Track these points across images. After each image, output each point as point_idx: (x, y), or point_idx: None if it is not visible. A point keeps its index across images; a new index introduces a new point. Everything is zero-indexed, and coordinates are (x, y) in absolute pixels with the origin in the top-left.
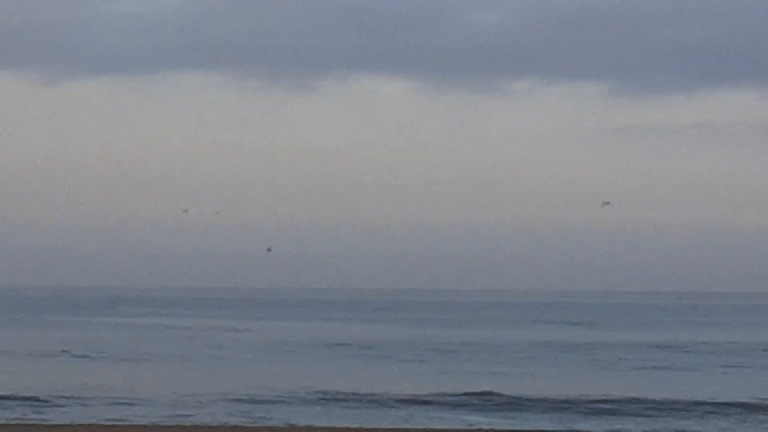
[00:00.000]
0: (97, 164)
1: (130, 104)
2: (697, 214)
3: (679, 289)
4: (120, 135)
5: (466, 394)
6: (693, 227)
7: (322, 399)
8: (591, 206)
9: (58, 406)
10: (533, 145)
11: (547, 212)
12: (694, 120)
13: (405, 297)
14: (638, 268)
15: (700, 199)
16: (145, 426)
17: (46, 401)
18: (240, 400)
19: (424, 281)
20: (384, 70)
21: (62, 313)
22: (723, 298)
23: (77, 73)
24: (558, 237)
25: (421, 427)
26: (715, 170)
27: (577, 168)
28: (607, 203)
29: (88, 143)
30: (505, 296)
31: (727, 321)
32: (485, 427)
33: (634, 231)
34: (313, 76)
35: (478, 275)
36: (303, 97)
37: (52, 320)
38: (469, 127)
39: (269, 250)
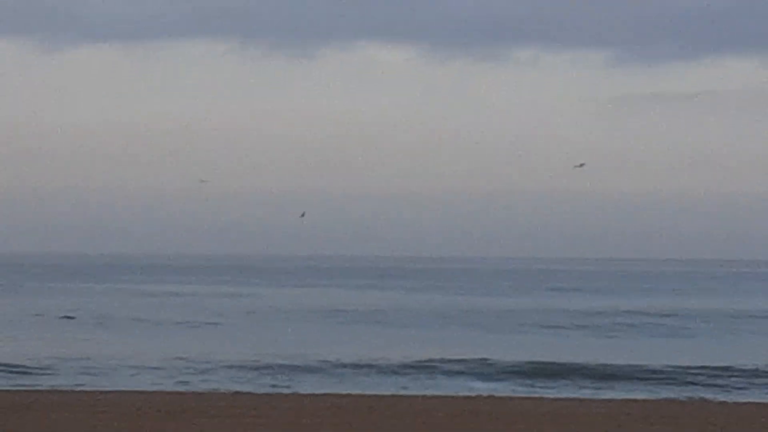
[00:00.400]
0: (97, 132)
1: (131, 71)
2: (699, 181)
3: (680, 257)
4: (120, 102)
5: (464, 360)
6: (695, 195)
7: (323, 366)
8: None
9: (56, 373)
10: (536, 112)
11: (548, 180)
12: (697, 87)
13: (402, 264)
14: (639, 236)
15: (704, 167)
16: (146, 392)
17: (47, 368)
18: (243, 367)
19: (424, 249)
20: (386, 37)
21: (67, 281)
22: (726, 265)
23: (78, 41)
24: (560, 204)
25: (421, 393)
26: (719, 137)
27: (580, 136)
28: (581, 165)
29: (89, 111)
30: (509, 263)
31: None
32: (484, 394)
33: (636, 199)
34: (314, 44)
35: (480, 243)
36: (304, 65)
37: (58, 287)
38: (471, 94)
39: (303, 215)
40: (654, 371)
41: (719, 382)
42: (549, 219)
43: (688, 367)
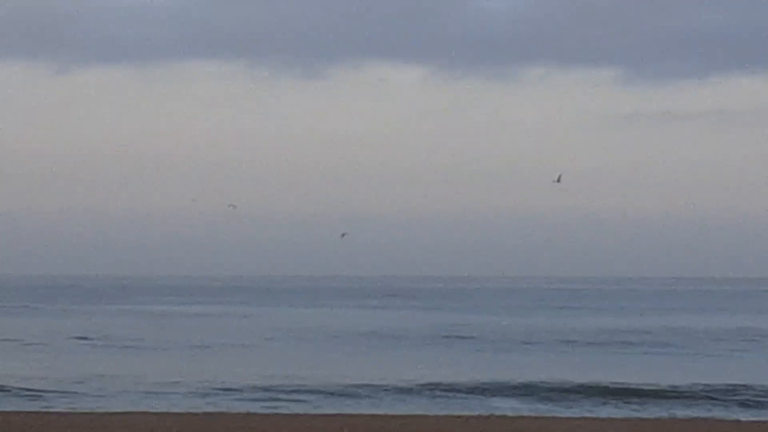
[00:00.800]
0: (108, 153)
1: (141, 93)
2: (709, 200)
3: (689, 275)
4: (131, 124)
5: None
6: (705, 214)
7: (336, 388)
8: (604, 193)
9: (69, 395)
10: (546, 131)
11: (560, 199)
12: (706, 106)
13: (413, 284)
14: (649, 255)
15: (713, 186)
16: (159, 413)
17: (61, 391)
18: (255, 388)
19: (435, 269)
20: (396, 57)
21: (78, 302)
22: (739, 284)
23: (88, 63)
24: (569, 223)
25: (433, 413)
26: (728, 156)
27: (590, 154)
28: (558, 179)
29: (99, 132)
30: (520, 282)
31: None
32: (497, 414)
33: (646, 217)
34: (324, 64)
35: (491, 262)
36: (314, 85)
37: (69, 309)
38: (481, 113)
39: (343, 235)
40: (668, 390)
41: (734, 399)
42: (560, 237)
43: (702, 385)
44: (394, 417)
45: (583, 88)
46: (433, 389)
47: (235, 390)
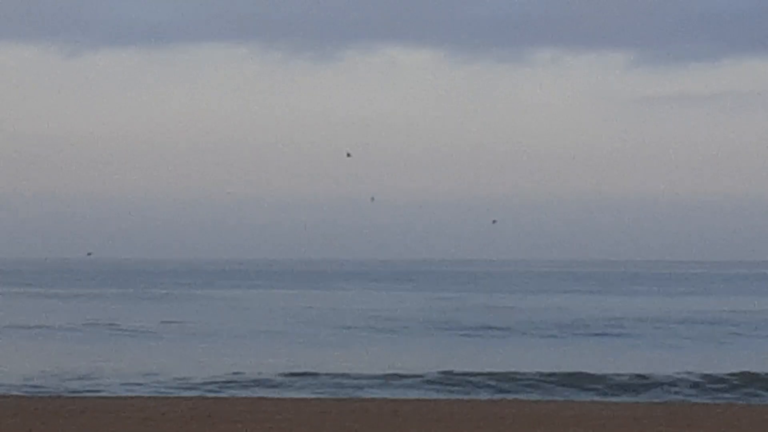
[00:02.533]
0: (118, 135)
1: (153, 76)
2: (722, 182)
3: (702, 258)
4: (143, 106)
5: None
6: (718, 196)
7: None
8: (614, 176)
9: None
10: (558, 113)
11: (572, 181)
12: (719, 88)
13: (427, 267)
14: (662, 238)
15: (726, 168)
16: (171, 397)
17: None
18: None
19: (446, 251)
20: (408, 39)
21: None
22: (755, 267)
23: (100, 45)
24: (580, 206)
25: (445, 398)
26: (741, 138)
27: (602, 137)
28: (494, 221)
29: (111, 114)
30: (532, 266)
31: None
32: (509, 398)
33: (658, 200)
34: (336, 46)
35: (502, 245)
36: (327, 67)
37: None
38: (493, 96)
39: (494, 222)
40: (677, 377)
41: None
42: (570, 221)
43: (714, 372)
44: (406, 401)
45: (596, 71)
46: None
47: (249, 377)
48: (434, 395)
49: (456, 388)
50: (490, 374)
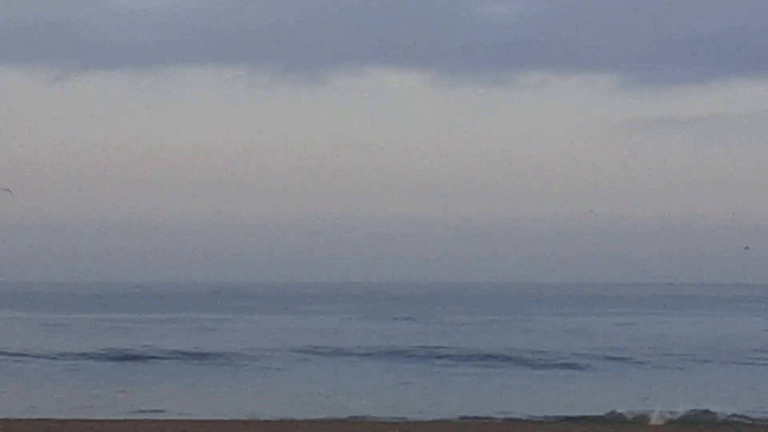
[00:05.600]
0: (105, 157)
1: (140, 99)
2: (710, 206)
3: (689, 280)
4: (130, 129)
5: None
6: (706, 220)
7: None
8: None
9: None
10: (545, 137)
11: (558, 206)
12: (707, 111)
13: (416, 291)
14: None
15: (714, 192)
16: (158, 421)
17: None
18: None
19: (435, 275)
20: (395, 62)
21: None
22: (741, 290)
23: (87, 69)
24: (569, 229)
25: (447, 418)
26: (729, 162)
27: (590, 161)
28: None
29: (98, 136)
30: (518, 288)
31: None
32: (499, 418)
33: (646, 224)
34: (324, 69)
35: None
36: (314, 90)
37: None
38: (480, 119)
39: (747, 248)
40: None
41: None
42: (557, 243)
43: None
44: (409, 422)
45: (583, 94)
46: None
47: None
48: None
49: None
50: None
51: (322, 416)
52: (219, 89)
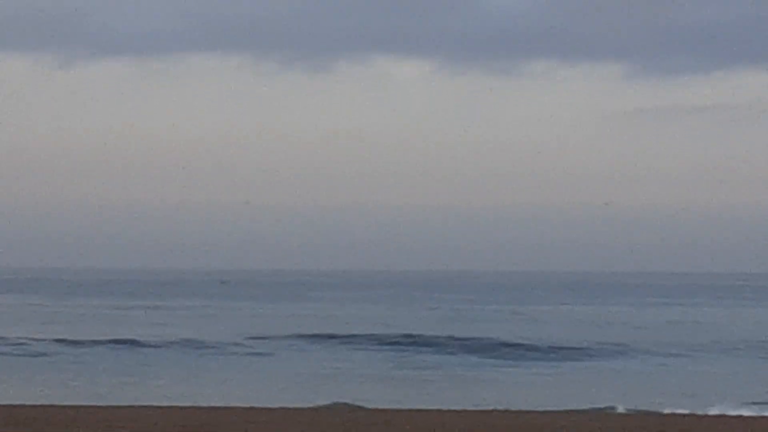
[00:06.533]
0: (112, 145)
1: (145, 86)
2: (715, 195)
3: (695, 270)
4: (137, 116)
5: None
6: (711, 209)
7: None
8: (608, 189)
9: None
10: (550, 126)
11: (564, 195)
12: (712, 101)
13: (420, 278)
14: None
15: (719, 181)
16: (162, 407)
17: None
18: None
19: (440, 263)
20: (400, 51)
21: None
22: (746, 279)
23: (92, 56)
24: (574, 218)
25: (436, 408)
26: (734, 151)
27: (595, 149)
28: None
29: (104, 124)
30: (518, 277)
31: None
32: (500, 408)
33: (650, 213)
34: (329, 58)
35: (493, 257)
36: (319, 79)
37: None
38: (486, 108)
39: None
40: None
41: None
42: (562, 232)
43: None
44: (398, 411)
45: (589, 82)
46: None
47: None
48: None
49: None
50: None
51: (326, 402)
52: (224, 77)
